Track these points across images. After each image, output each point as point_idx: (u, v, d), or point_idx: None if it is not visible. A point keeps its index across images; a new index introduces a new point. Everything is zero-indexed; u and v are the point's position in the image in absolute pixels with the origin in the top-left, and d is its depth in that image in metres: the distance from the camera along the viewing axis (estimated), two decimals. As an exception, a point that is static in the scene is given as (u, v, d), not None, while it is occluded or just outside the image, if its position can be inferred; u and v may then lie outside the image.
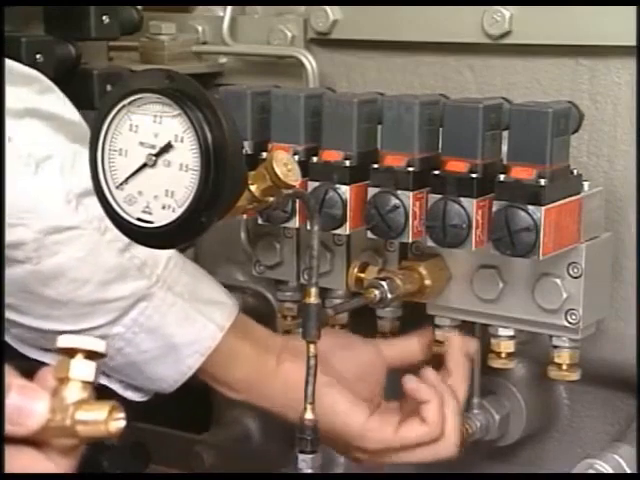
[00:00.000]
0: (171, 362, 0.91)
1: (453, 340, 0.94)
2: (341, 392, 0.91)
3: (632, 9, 0.87)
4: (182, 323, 0.90)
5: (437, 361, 0.95)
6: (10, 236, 0.83)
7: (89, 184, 0.81)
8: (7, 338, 0.91)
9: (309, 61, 1.03)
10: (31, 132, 0.85)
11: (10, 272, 0.84)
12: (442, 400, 0.89)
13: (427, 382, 0.90)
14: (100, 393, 0.61)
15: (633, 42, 0.88)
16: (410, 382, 0.90)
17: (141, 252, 0.88)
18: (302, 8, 1.05)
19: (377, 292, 0.89)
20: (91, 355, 0.60)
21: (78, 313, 0.87)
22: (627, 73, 0.91)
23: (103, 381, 0.91)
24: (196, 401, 0.97)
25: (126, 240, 0.85)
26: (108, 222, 0.84)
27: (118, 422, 0.59)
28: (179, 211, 0.68)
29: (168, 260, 0.90)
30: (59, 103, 0.89)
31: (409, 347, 0.97)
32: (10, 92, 0.84)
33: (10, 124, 0.83)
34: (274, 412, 0.94)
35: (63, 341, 0.60)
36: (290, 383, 0.90)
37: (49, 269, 0.85)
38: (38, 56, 0.92)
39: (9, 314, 0.88)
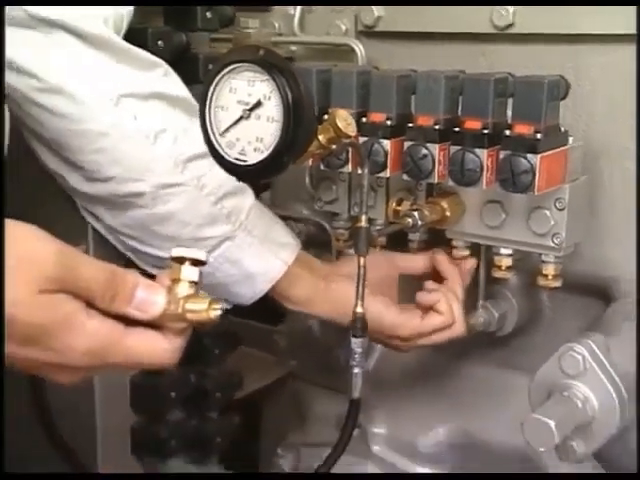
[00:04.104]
0: (248, 285, 0.91)
1: (438, 256, 0.94)
2: (376, 298, 0.90)
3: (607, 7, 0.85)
4: (257, 258, 0.90)
5: (437, 275, 0.95)
6: (133, 188, 0.84)
7: (192, 152, 0.84)
8: (135, 259, 0.92)
9: (359, 48, 1.01)
10: (152, 111, 0.85)
11: (133, 213, 0.86)
12: (447, 297, 0.91)
13: (432, 288, 0.92)
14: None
15: (607, 31, 0.87)
16: (422, 296, 0.92)
17: (229, 204, 0.88)
18: (353, 7, 1.03)
19: (410, 220, 0.89)
20: (196, 262, 0.60)
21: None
22: (602, 57, 0.89)
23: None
24: (273, 302, 0.97)
25: (218, 194, 0.87)
26: (205, 180, 0.86)
27: (216, 311, 0.59)
28: (266, 153, 0.69)
29: (250, 210, 0.89)
30: (176, 84, 0.88)
31: (418, 260, 0.97)
32: (139, 77, 0.84)
33: (137, 105, 0.84)
34: (325, 319, 0.94)
35: (176, 252, 0.61)
36: (337, 298, 0.91)
37: (161, 213, 0.86)
38: (160, 43, 0.92)
39: (136, 244, 0.89)
